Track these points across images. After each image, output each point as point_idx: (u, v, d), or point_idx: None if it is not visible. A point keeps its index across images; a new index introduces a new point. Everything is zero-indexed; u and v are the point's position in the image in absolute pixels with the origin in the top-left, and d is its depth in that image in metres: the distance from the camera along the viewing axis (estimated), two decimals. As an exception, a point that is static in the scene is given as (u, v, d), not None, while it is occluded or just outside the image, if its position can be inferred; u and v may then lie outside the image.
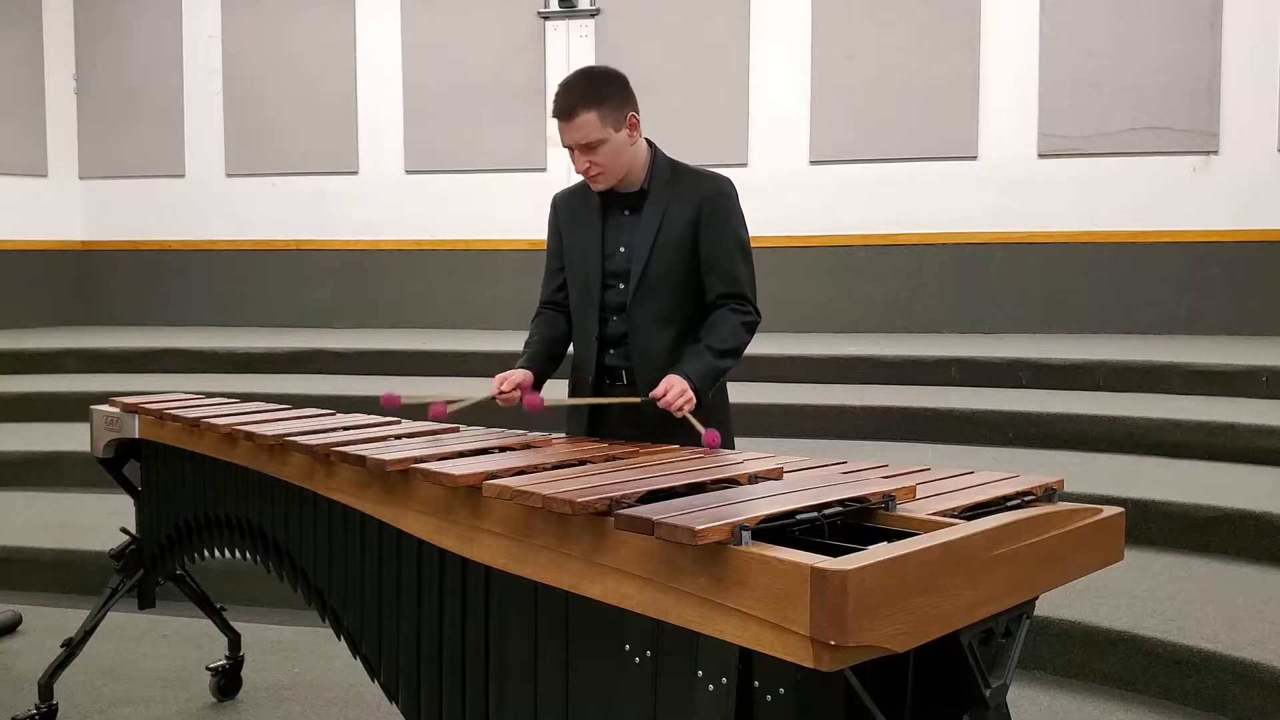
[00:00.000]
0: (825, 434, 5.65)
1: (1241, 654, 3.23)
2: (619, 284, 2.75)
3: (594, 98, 2.60)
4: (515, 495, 1.88)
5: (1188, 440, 5.08)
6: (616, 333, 2.77)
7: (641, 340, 2.73)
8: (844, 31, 8.08)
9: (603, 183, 2.70)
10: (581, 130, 2.60)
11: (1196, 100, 7.47)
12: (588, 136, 2.61)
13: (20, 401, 6.63)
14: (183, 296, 9.39)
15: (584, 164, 2.66)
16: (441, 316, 8.75)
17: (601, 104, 2.60)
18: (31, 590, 4.60)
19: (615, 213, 2.78)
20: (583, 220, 2.82)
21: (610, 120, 2.62)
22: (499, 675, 2.02)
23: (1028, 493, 2.01)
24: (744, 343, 2.70)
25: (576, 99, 2.60)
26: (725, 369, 2.68)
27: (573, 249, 2.84)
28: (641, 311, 2.72)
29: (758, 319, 2.74)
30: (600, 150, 2.63)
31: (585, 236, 2.80)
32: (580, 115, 2.59)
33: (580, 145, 2.62)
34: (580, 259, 2.81)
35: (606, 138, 2.62)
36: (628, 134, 2.66)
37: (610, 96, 2.63)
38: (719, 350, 2.65)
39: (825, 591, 1.42)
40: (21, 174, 9.19)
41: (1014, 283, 7.88)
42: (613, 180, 2.70)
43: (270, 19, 9.12)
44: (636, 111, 2.68)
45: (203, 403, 3.34)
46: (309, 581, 2.64)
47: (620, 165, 2.68)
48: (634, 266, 2.71)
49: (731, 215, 2.73)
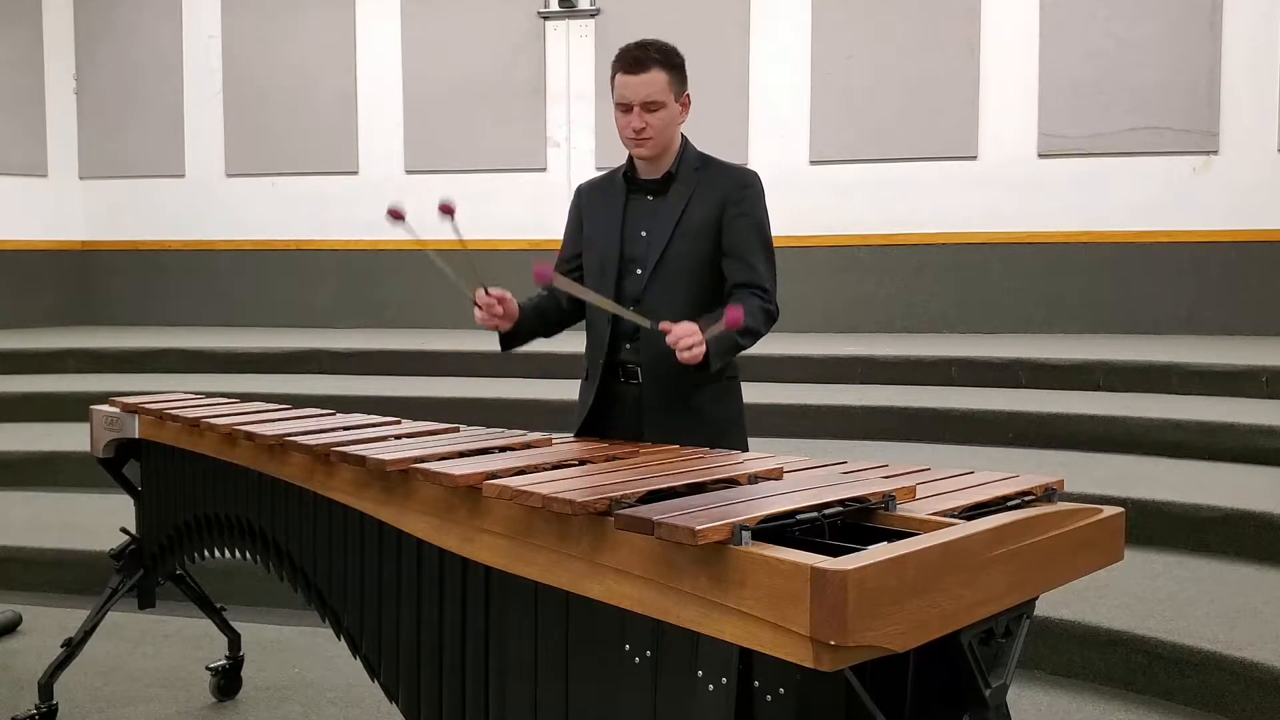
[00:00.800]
0: (825, 434, 5.65)
1: (1241, 654, 3.23)
2: (636, 269, 2.71)
3: (668, 61, 2.64)
4: (515, 495, 1.88)
5: (1188, 440, 5.08)
6: (634, 326, 2.70)
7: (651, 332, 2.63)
8: (844, 31, 8.08)
9: (648, 150, 2.68)
10: (649, 86, 2.61)
11: (1196, 100, 7.47)
12: (653, 94, 2.61)
13: (20, 401, 6.63)
14: (183, 296, 9.39)
15: (640, 122, 2.63)
16: (441, 316, 8.75)
17: (674, 69, 2.65)
18: (31, 590, 4.60)
19: (639, 197, 2.76)
20: (605, 205, 2.79)
21: (674, 89, 2.65)
22: (499, 675, 2.02)
23: (1028, 493, 2.01)
24: (760, 328, 2.63)
25: (651, 55, 2.63)
26: (740, 346, 2.61)
27: (593, 232, 2.81)
28: (656, 297, 2.67)
29: (776, 312, 2.70)
30: (657, 114, 2.63)
31: (606, 219, 2.77)
32: (653, 70, 2.62)
33: (643, 103, 2.62)
34: (599, 240, 2.77)
35: (667, 103, 2.63)
36: (680, 110, 2.68)
37: (680, 67, 2.67)
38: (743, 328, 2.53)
39: (825, 591, 1.42)
40: (21, 174, 9.19)
41: (1014, 283, 7.88)
42: (656, 150, 2.69)
43: (270, 19, 9.12)
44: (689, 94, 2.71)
45: (203, 403, 3.34)
46: (309, 581, 2.64)
47: (667, 137, 2.68)
48: (653, 250, 2.68)
49: (756, 208, 2.71)
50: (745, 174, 2.76)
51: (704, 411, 2.70)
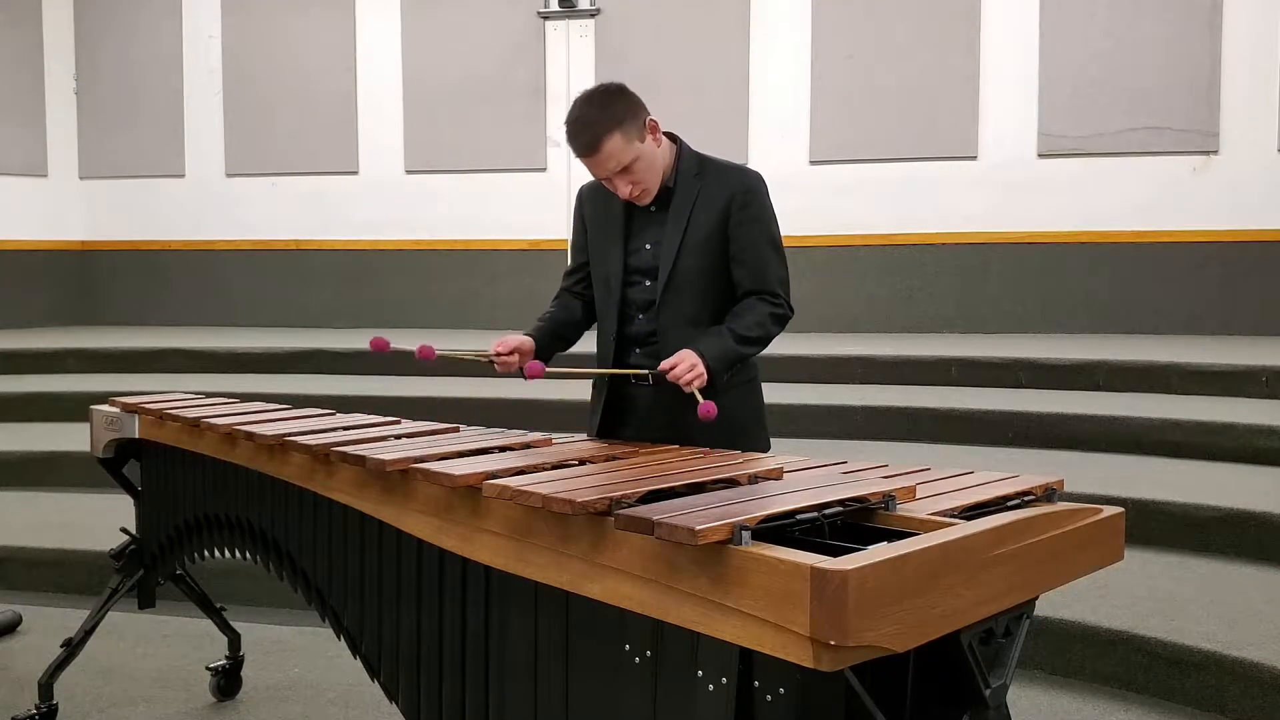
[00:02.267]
0: (825, 434, 5.65)
1: (1241, 654, 3.23)
2: (644, 280, 2.69)
3: (610, 122, 2.52)
4: (515, 495, 1.88)
5: (1188, 440, 5.08)
6: (641, 331, 2.71)
7: (670, 342, 2.64)
8: (844, 31, 8.08)
9: (648, 198, 2.66)
10: (612, 158, 2.53)
11: (1196, 100, 7.47)
12: (620, 161, 2.54)
13: (20, 401, 6.63)
14: (183, 296, 9.39)
15: (626, 188, 2.60)
16: (441, 316, 8.76)
17: (620, 123, 2.52)
18: (31, 590, 4.59)
19: (641, 209, 2.72)
20: (606, 215, 2.76)
21: (633, 135, 2.54)
22: (499, 675, 2.02)
23: (1028, 493, 2.01)
24: (769, 334, 2.63)
25: (595, 130, 2.52)
26: (744, 355, 2.62)
27: (596, 244, 2.79)
28: (670, 311, 2.66)
29: (789, 313, 2.68)
30: (636, 169, 2.57)
31: (608, 232, 2.75)
32: (604, 146, 2.52)
33: (614, 172, 2.57)
34: (602, 254, 2.76)
35: (638, 154, 2.55)
36: (652, 140, 2.60)
37: (624, 113, 2.54)
38: (740, 335, 2.59)
39: (825, 591, 1.42)
40: (21, 174, 9.19)
41: (1014, 283, 7.88)
42: (655, 191, 2.66)
43: (270, 19, 9.12)
44: (650, 115, 2.61)
45: (203, 403, 3.34)
46: (309, 581, 2.64)
47: (657, 174, 2.64)
48: (662, 264, 2.65)
49: (761, 210, 2.67)
50: (746, 176, 2.71)
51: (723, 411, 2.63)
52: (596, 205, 2.81)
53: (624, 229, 2.72)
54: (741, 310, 2.64)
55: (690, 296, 2.66)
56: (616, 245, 2.72)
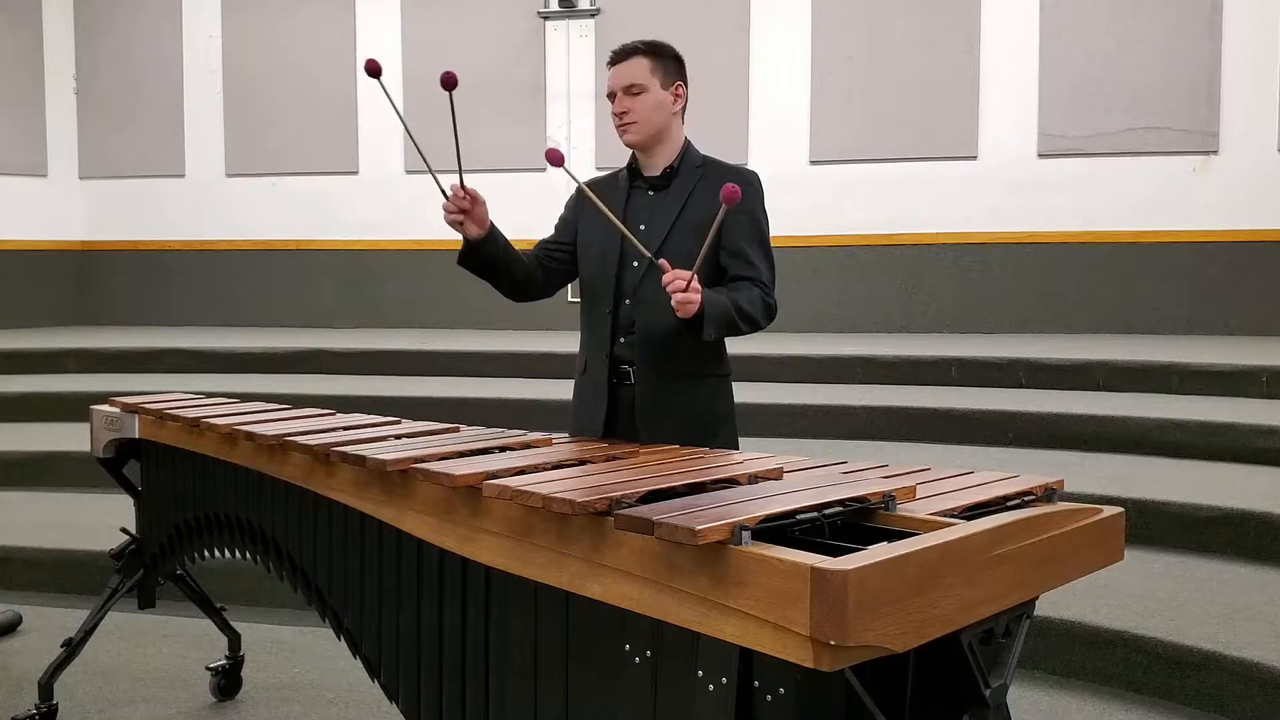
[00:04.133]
0: (825, 434, 5.65)
1: (1241, 654, 3.23)
2: (634, 261, 2.72)
3: (651, 50, 2.72)
4: (515, 495, 1.88)
5: (1188, 440, 5.08)
6: (627, 320, 2.73)
7: (648, 316, 2.68)
8: (844, 31, 8.08)
9: (632, 133, 2.73)
10: (629, 71, 2.70)
11: (1196, 100, 7.47)
12: (633, 78, 2.69)
13: (20, 401, 6.63)
14: (183, 296, 9.40)
15: (621, 106, 2.71)
16: (441, 316, 8.76)
17: (658, 57, 2.72)
18: (31, 590, 4.60)
19: (640, 192, 2.79)
20: (607, 200, 2.75)
21: (658, 74, 2.71)
22: (499, 675, 2.02)
23: (1028, 493, 2.01)
24: (762, 320, 2.65)
25: (635, 45, 2.73)
26: (735, 324, 2.58)
27: (592, 227, 2.81)
28: (652, 290, 2.65)
29: (775, 306, 2.70)
30: (639, 99, 2.69)
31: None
32: (634, 57, 2.71)
33: (624, 88, 2.70)
34: (600, 233, 2.77)
35: (649, 86, 2.70)
36: (671, 98, 2.73)
37: (666, 55, 2.74)
38: (742, 309, 2.59)
39: (825, 591, 1.42)
40: (21, 174, 9.19)
41: (1014, 283, 7.88)
42: (641, 135, 2.73)
43: (270, 19, 9.12)
44: (686, 87, 2.77)
45: (203, 403, 3.34)
46: (309, 581, 2.64)
47: (652, 122, 2.72)
48: (651, 243, 2.67)
49: (755, 206, 2.73)
50: (744, 173, 2.78)
51: (697, 404, 2.73)
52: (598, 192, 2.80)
53: (623, 212, 2.75)
54: (738, 286, 2.66)
55: None
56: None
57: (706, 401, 2.75)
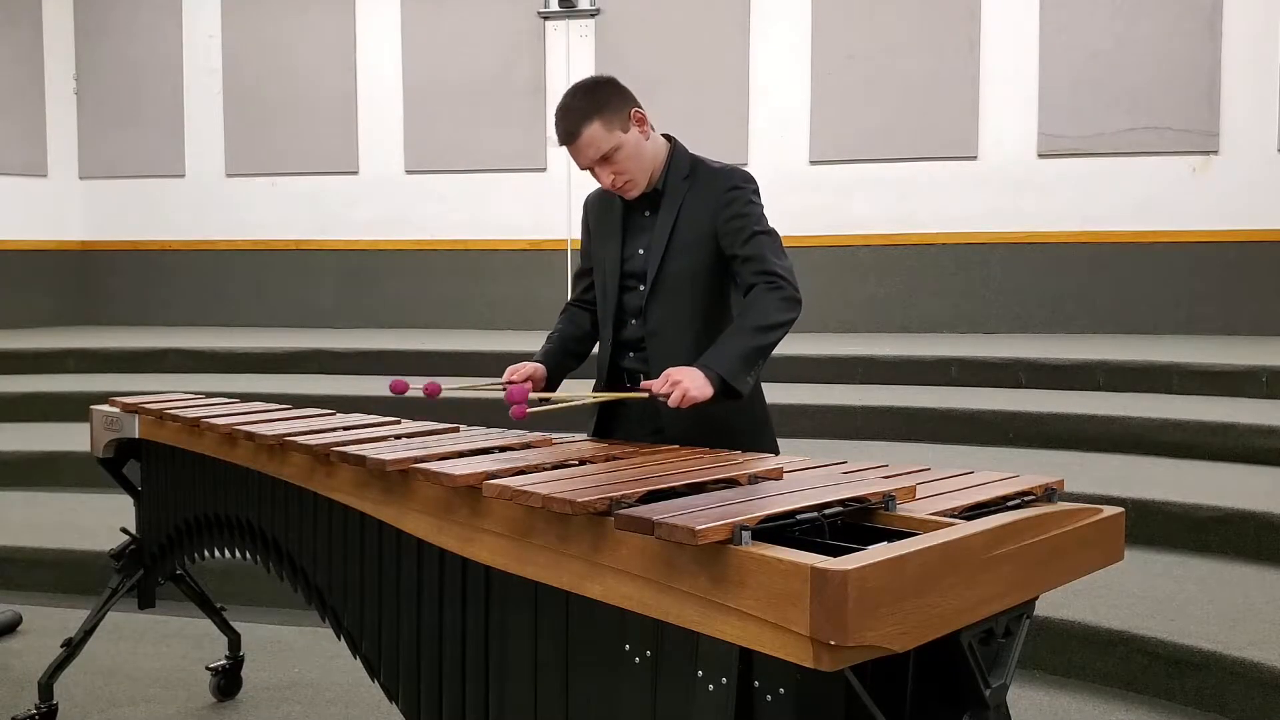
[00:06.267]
0: (825, 434, 5.65)
1: (1241, 654, 3.23)
2: (638, 285, 2.66)
3: (590, 109, 2.52)
4: (515, 495, 1.88)
5: (1188, 440, 5.08)
6: (634, 336, 2.68)
7: (659, 345, 2.62)
8: (844, 31, 8.08)
9: (633, 190, 2.61)
10: (591, 145, 2.52)
11: (1196, 100, 7.47)
12: (599, 149, 2.52)
13: (20, 401, 6.63)
14: (183, 296, 9.40)
15: (608, 178, 2.58)
16: (441, 316, 8.76)
17: (600, 110, 2.52)
18: (31, 590, 4.59)
19: (636, 213, 2.70)
20: (607, 222, 2.75)
21: (615, 123, 2.52)
22: (499, 675, 2.02)
23: (1028, 493, 2.00)
24: (786, 318, 2.49)
25: (574, 118, 2.52)
26: (768, 344, 2.46)
27: (597, 250, 2.77)
28: (658, 314, 2.63)
29: (798, 295, 2.52)
30: (617, 158, 2.54)
31: (608, 239, 2.73)
32: (584, 132, 2.51)
33: (595, 161, 2.55)
34: (602, 261, 2.74)
35: (619, 143, 2.53)
36: (637, 131, 2.57)
37: (605, 101, 2.54)
38: (757, 326, 2.45)
39: (825, 591, 1.42)
40: (21, 174, 9.19)
41: (1014, 283, 7.88)
42: (642, 184, 2.62)
43: (270, 19, 9.12)
44: (639, 107, 2.59)
45: (203, 403, 3.34)
46: (309, 581, 2.64)
47: (643, 166, 2.59)
48: (650, 267, 2.63)
49: (746, 206, 2.59)
50: (732, 176, 2.63)
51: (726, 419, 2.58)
52: (599, 211, 2.79)
53: (621, 233, 2.71)
54: (750, 303, 2.53)
55: (678, 300, 2.62)
56: (614, 250, 2.71)
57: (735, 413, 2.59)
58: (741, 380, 2.40)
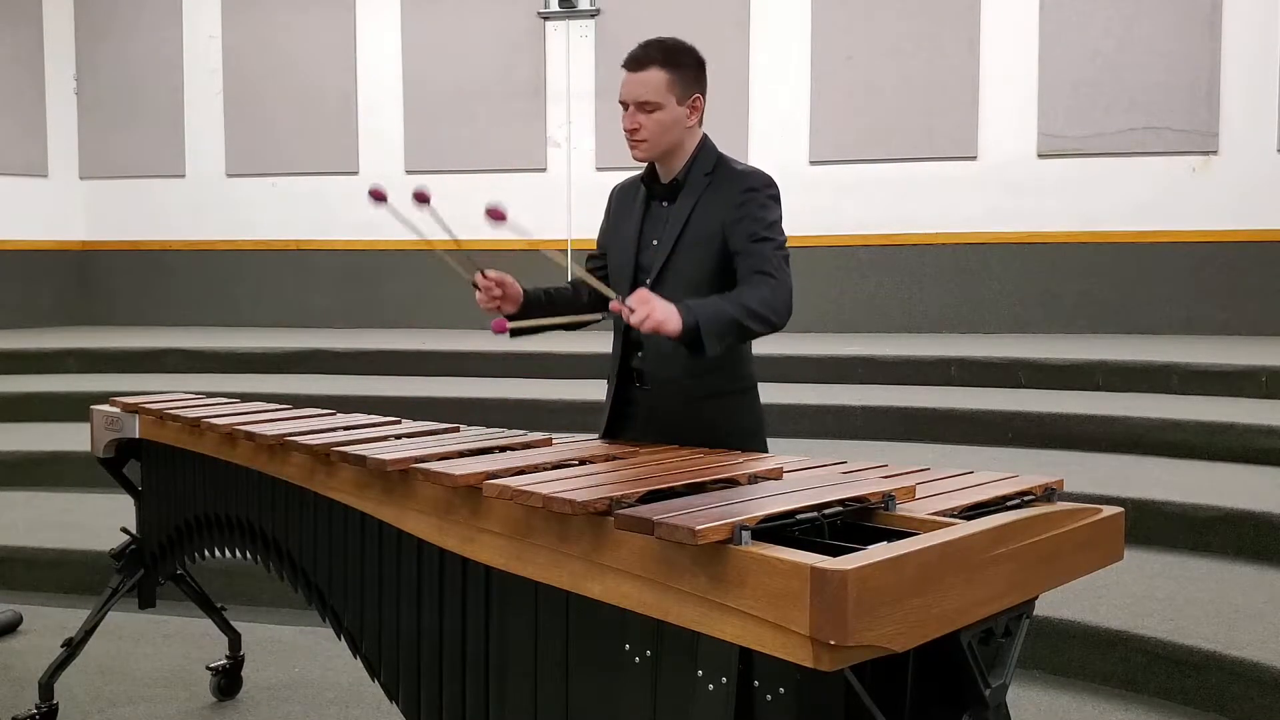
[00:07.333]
0: (825, 434, 5.65)
1: (1241, 654, 3.23)
2: (645, 278, 2.62)
3: (669, 61, 2.53)
4: (515, 495, 1.88)
5: (1188, 440, 5.08)
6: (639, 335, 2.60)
7: (656, 341, 2.52)
8: (844, 32, 8.08)
9: (641, 151, 2.59)
10: (644, 85, 2.52)
11: (1196, 100, 7.47)
12: (647, 95, 2.52)
13: (20, 401, 6.63)
14: (183, 296, 9.40)
15: (632, 123, 2.54)
16: (441, 316, 8.75)
17: (676, 69, 2.52)
18: (31, 590, 4.60)
19: (656, 203, 2.68)
20: (628, 211, 2.73)
21: (675, 89, 2.52)
22: (499, 675, 2.02)
23: (1027, 493, 2.01)
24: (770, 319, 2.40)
25: (652, 54, 2.53)
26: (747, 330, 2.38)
27: (616, 237, 2.75)
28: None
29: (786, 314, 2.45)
30: (654, 115, 2.53)
31: (627, 228, 2.71)
32: (650, 69, 2.52)
33: (637, 102, 2.53)
34: (619, 250, 2.72)
35: (665, 104, 2.52)
36: (687, 113, 2.56)
37: (686, 65, 2.55)
38: (748, 307, 2.37)
39: (825, 591, 1.42)
40: (21, 174, 9.19)
41: (1014, 283, 7.88)
42: (651, 153, 2.59)
43: (270, 19, 9.12)
44: (704, 97, 2.60)
45: (203, 403, 3.34)
46: (309, 581, 2.64)
47: (665, 140, 2.57)
48: (657, 259, 2.61)
49: (760, 210, 2.53)
50: (750, 178, 2.58)
51: (716, 424, 2.58)
52: (623, 201, 2.78)
53: (639, 224, 2.69)
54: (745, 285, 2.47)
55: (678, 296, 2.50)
56: (631, 240, 2.69)
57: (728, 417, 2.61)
58: (713, 341, 2.31)
